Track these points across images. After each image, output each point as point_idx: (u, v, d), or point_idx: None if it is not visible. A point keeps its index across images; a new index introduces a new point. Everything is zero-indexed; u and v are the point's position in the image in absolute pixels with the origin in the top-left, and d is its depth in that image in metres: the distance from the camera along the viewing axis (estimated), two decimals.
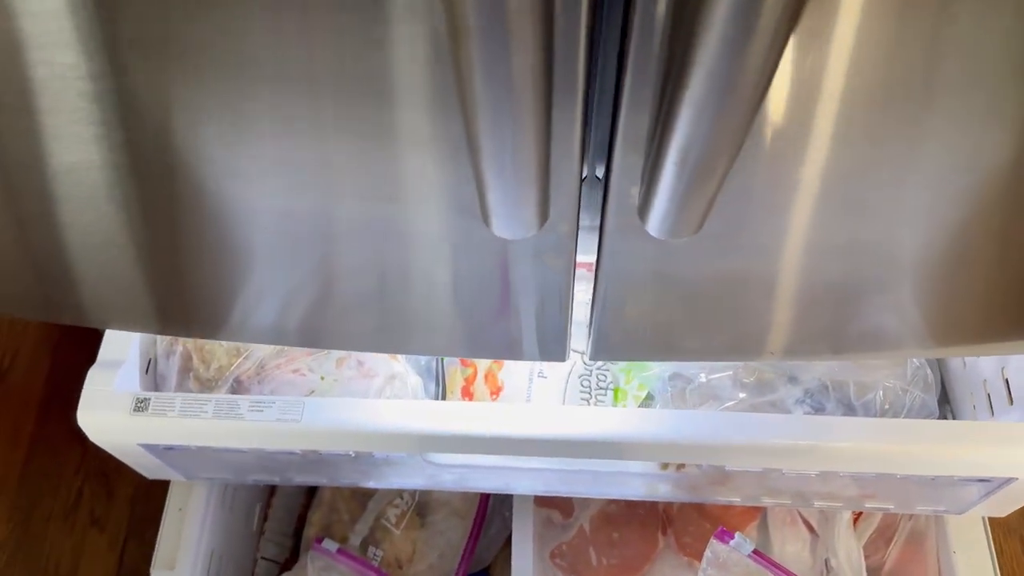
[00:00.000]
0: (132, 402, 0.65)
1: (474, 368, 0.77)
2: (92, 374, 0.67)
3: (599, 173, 0.44)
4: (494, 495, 0.92)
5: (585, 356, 0.55)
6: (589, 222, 0.44)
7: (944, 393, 0.79)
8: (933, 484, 0.69)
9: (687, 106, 0.29)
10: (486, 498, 0.91)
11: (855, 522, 0.85)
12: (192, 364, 0.69)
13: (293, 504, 1.00)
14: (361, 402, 0.64)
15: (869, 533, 0.85)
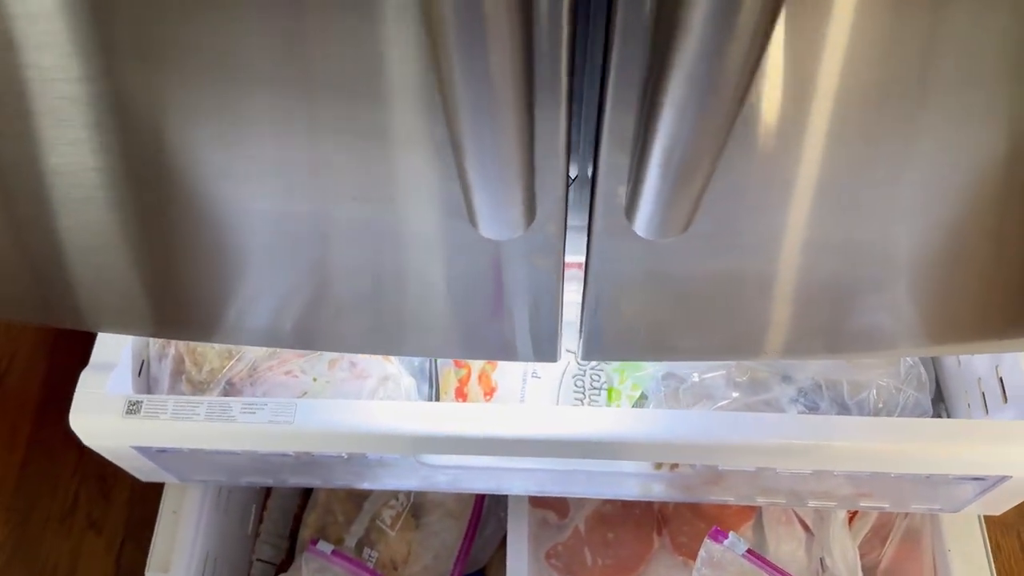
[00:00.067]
0: (124, 405, 0.65)
1: (468, 369, 0.77)
2: (84, 377, 0.66)
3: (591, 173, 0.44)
4: (489, 496, 0.92)
5: (577, 356, 0.55)
6: (581, 222, 0.44)
7: (939, 392, 0.79)
8: (928, 483, 0.69)
9: (669, 107, 0.29)
10: (481, 499, 0.91)
11: (850, 521, 0.85)
12: (184, 367, 0.69)
13: (288, 506, 1.00)
14: (354, 404, 0.64)
15: (864, 532, 0.84)
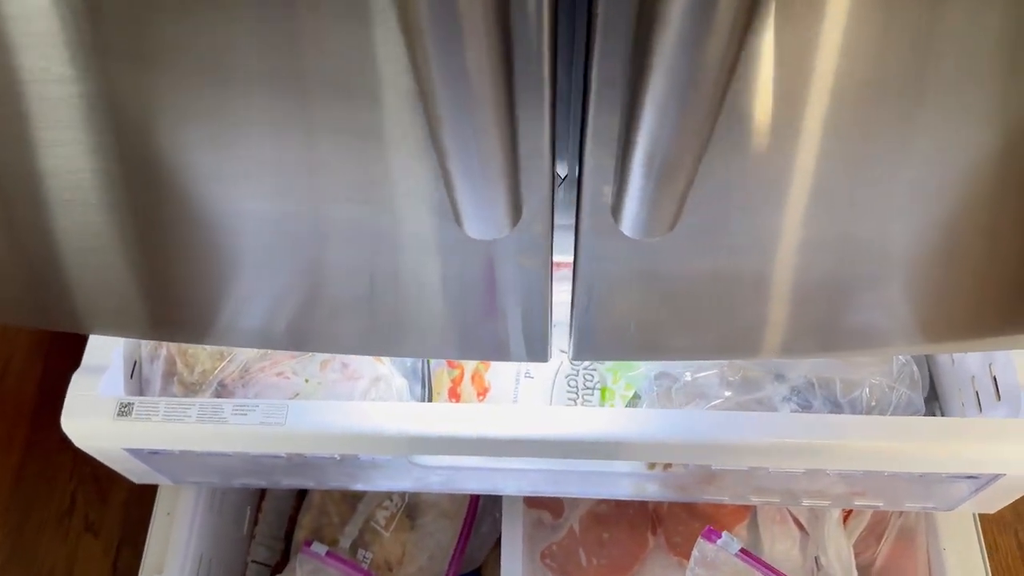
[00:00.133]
0: (116, 407, 0.65)
1: (461, 369, 0.77)
2: (76, 379, 0.66)
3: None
4: (484, 496, 0.92)
5: (569, 356, 0.55)
6: (571, 221, 0.44)
7: (933, 390, 0.79)
8: (922, 481, 0.69)
9: (649, 106, 0.29)
10: (476, 499, 0.91)
11: (845, 520, 0.85)
12: (176, 368, 0.69)
13: (283, 507, 1.00)
14: (345, 405, 0.64)
15: (859, 531, 0.84)
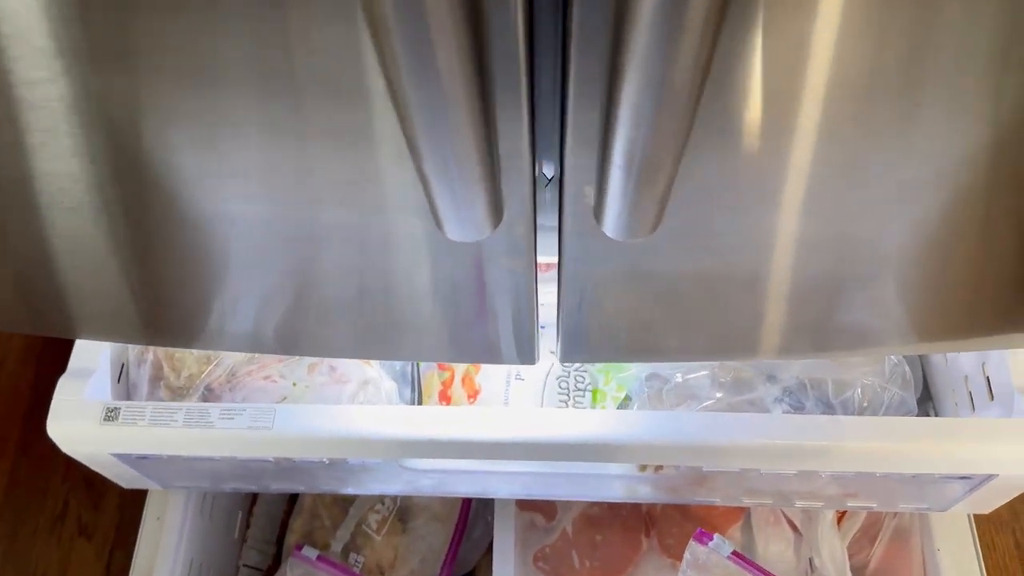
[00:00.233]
0: (102, 411, 0.64)
1: (451, 372, 0.76)
2: (62, 383, 0.66)
3: None
4: (477, 499, 0.92)
5: (557, 358, 0.54)
6: (553, 222, 0.44)
7: (926, 390, 0.78)
8: (915, 482, 0.69)
9: (625, 105, 0.28)
10: (468, 502, 0.91)
11: (839, 521, 0.84)
12: (163, 372, 0.68)
13: (275, 511, 1.00)
14: (333, 408, 0.64)
15: (853, 532, 0.84)
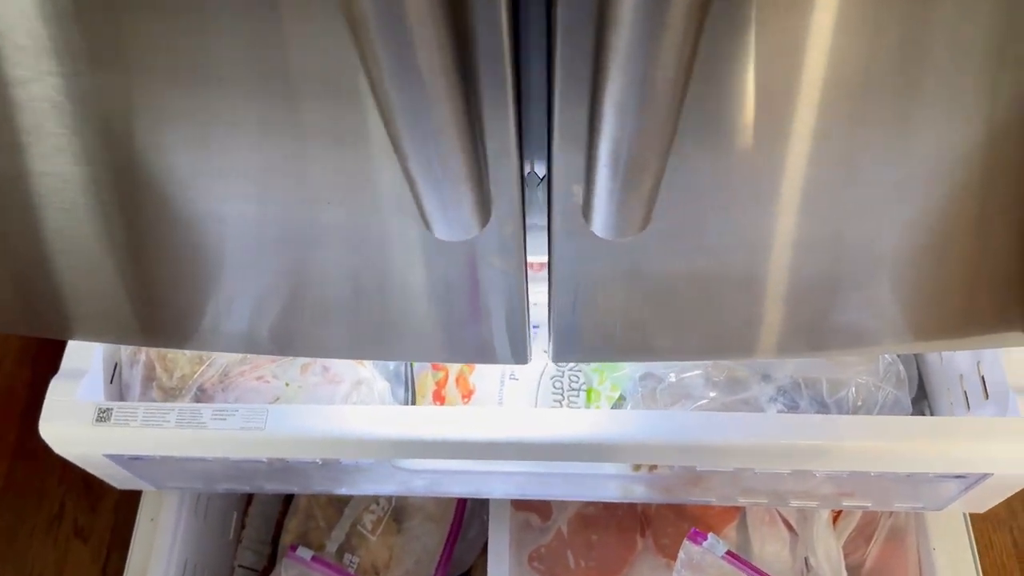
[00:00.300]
0: (94, 412, 0.64)
1: (445, 372, 0.76)
2: (54, 384, 0.66)
3: None
4: (472, 499, 0.92)
5: (549, 358, 0.54)
6: (542, 221, 0.44)
7: (921, 389, 0.78)
8: (910, 481, 0.69)
9: (609, 104, 0.28)
10: (463, 502, 0.90)
11: (835, 520, 0.84)
12: (155, 373, 0.68)
13: (270, 512, 0.99)
14: (326, 409, 0.64)
15: (849, 531, 0.84)
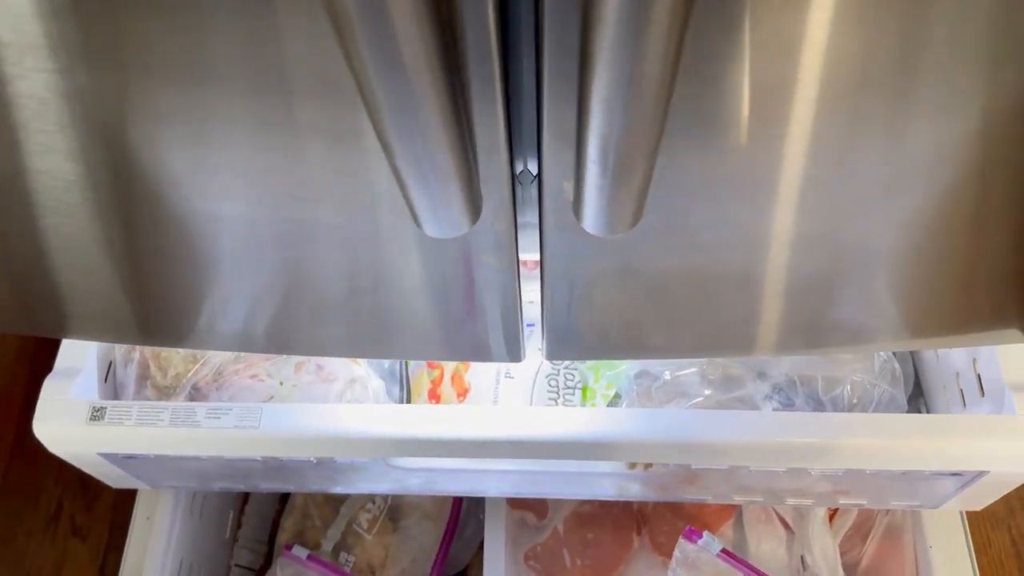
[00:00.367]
0: (88, 411, 0.64)
1: (440, 370, 0.76)
2: (48, 383, 0.66)
3: None
4: (468, 498, 0.91)
5: (543, 355, 0.54)
6: (536, 219, 0.44)
7: (918, 387, 0.78)
8: (905, 479, 0.68)
9: (596, 100, 0.28)
10: (459, 501, 0.90)
11: (831, 519, 0.84)
12: (149, 372, 0.68)
13: (267, 511, 0.99)
14: (320, 407, 0.64)
15: (845, 529, 0.84)
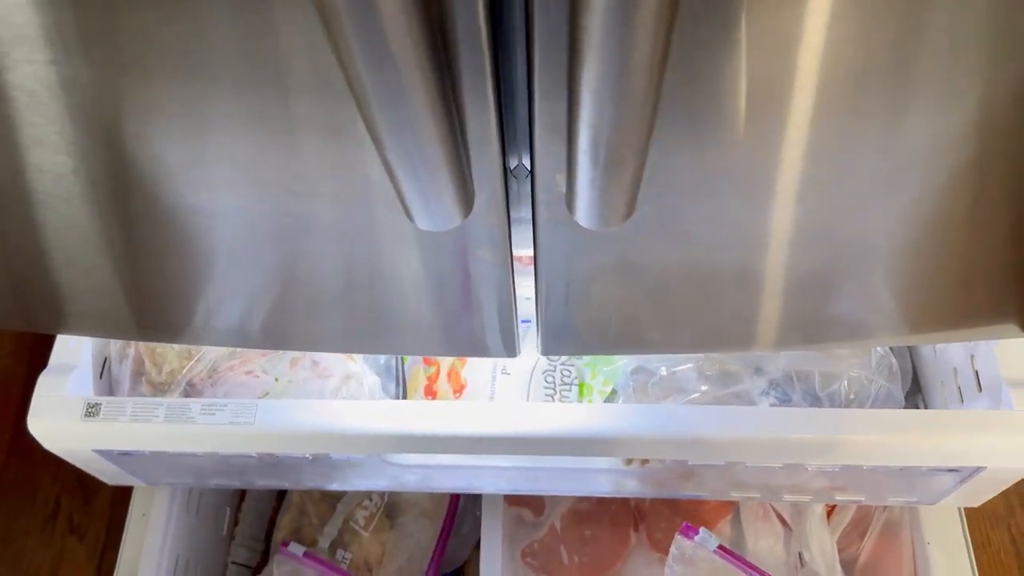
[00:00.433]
0: (83, 407, 0.64)
1: (437, 367, 0.76)
2: (43, 379, 0.65)
3: None
4: (465, 494, 0.91)
5: (537, 351, 0.54)
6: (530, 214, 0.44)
7: (916, 383, 0.78)
8: (903, 475, 0.68)
9: (585, 92, 0.28)
10: (456, 498, 0.90)
11: (829, 515, 0.84)
12: (144, 368, 0.68)
13: (264, 508, 0.99)
14: (315, 403, 0.63)
15: (843, 526, 0.84)
